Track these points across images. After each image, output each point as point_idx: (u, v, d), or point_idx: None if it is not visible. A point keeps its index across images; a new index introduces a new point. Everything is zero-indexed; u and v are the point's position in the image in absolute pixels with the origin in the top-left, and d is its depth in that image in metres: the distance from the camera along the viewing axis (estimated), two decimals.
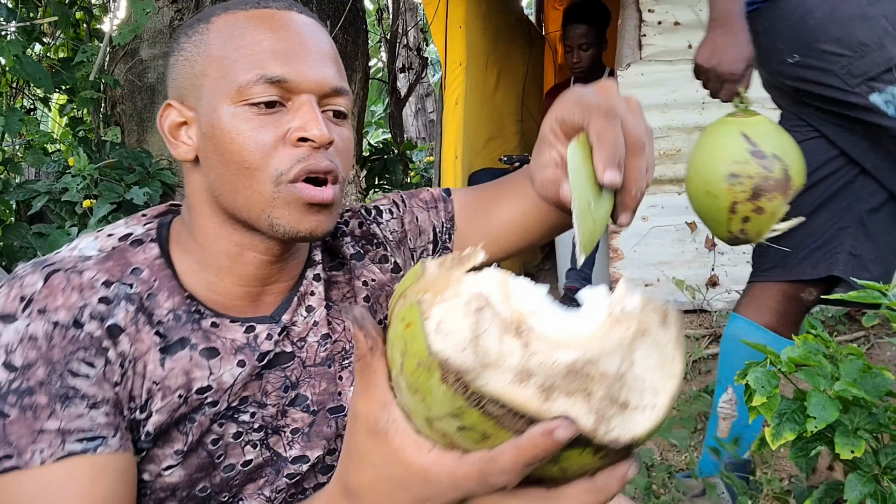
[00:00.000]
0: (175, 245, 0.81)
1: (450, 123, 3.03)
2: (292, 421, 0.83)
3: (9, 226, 3.23)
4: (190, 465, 0.76)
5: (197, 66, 0.76)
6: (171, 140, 0.79)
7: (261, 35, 0.74)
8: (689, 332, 2.62)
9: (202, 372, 0.75)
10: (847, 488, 0.97)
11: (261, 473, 0.82)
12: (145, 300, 0.75)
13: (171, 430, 0.74)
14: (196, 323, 0.77)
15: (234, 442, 0.79)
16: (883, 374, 0.94)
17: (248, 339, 0.79)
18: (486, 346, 0.45)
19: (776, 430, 0.93)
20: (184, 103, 0.78)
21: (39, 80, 2.88)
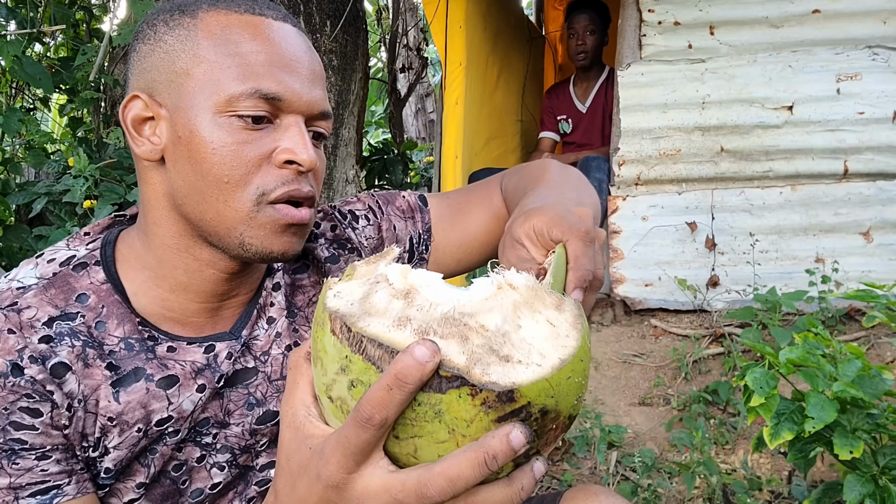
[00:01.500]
0: (122, 263, 0.76)
1: (450, 123, 3.03)
2: (262, 436, 0.81)
3: (9, 227, 3.23)
4: (154, 495, 0.74)
5: (179, 63, 0.70)
6: (133, 135, 0.73)
7: (258, 46, 0.70)
8: (689, 332, 2.62)
9: (160, 403, 0.72)
10: (846, 488, 0.97)
11: (230, 488, 0.80)
12: (94, 329, 0.71)
13: (132, 464, 0.72)
14: (150, 351, 0.73)
15: (198, 465, 0.77)
16: (882, 375, 0.94)
17: (209, 359, 0.76)
18: (373, 302, 0.48)
19: (774, 430, 0.93)
20: (154, 98, 0.72)
21: (39, 81, 2.88)
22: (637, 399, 2.40)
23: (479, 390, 0.44)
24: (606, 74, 3.45)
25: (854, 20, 2.65)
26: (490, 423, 0.45)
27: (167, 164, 0.72)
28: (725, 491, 1.87)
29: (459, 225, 0.95)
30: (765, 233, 2.70)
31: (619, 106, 2.81)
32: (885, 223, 2.63)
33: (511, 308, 0.48)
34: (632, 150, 2.80)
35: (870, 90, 2.63)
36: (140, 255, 0.76)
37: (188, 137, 0.69)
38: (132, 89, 0.74)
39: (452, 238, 0.95)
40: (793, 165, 2.70)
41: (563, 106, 3.56)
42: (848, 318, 2.54)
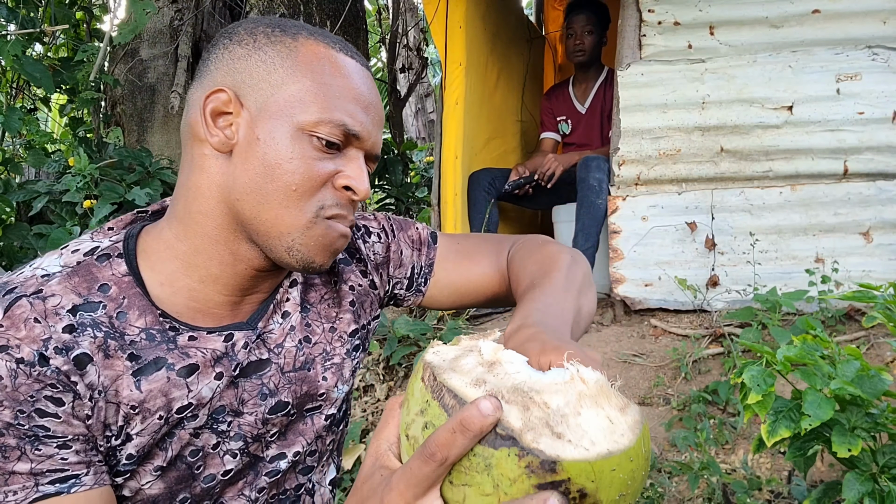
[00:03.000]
0: (144, 257, 0.78)
1: (450, 123, 3.03)
2: (272, 426, 0.84)
3: (9, 226, 3.23)
4: (169, 478, 0.77)
5: (275, 75, 0.76)
6: (209, 124, 0.76)
7: (347, 83, 0.78)
8: (689, 332, 2.62)
9: (181, 391, 0.75)
10: (845, 488, 0.97)
11: (240, 477, 0.83)
12: (115, 319, 0.73)
13: (152, 449, 0.75)
14: (171, 341, 0.76)
15: (213, 452, 0.80)
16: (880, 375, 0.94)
17: (227, 347, 0.79)
18: (462, 364, 0.57)
19: (772, 428, 0.93)
20: (239, 96, 0.76)
21: (39, 80, 2.88)
22: (637, 399, 2.40)
23: (526, 453, 0.48)
24: (605, 75, 3.45)
25: (854, 20, 2.65)
26: (531, 487, 0.49)
27: (234, 159, 0.76)
28: (725, 491, 1.87)
29: (462, 269, 1.01)
30: (765, 233, 2.71)
31: (618, 106, 2.81)
32: (884, 223, 2.63)
33: (576, 396, 0.53)
34: (632, 150, 2.80)
35: (870, 90, 2.63)
36: (171, 245, 0.78)
37: (267, 141, 0.75)
38: (216, 84, 0.77)
39: (453, 278, 1.01)
40: (793, 165, 2.70)
41: (562, 107, 3.56)
42: (848, 318, 2.54)
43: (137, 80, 3.66)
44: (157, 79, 3.63)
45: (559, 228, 3.24)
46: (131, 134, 3.70)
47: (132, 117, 3.69)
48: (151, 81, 3.67)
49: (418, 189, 4.49)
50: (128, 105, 3.70)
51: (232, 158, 0.76)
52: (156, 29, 3.62)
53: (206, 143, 0.77)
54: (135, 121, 3.68)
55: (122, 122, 3.74)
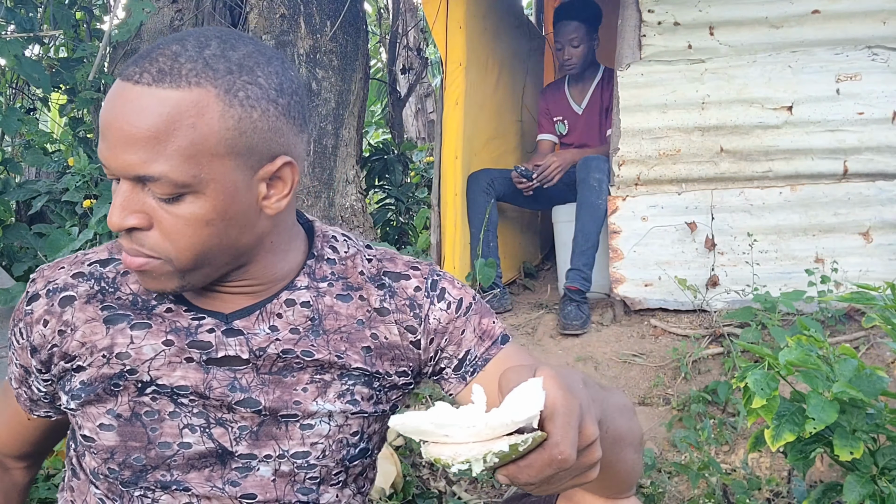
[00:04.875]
0: None
1: (450, 123, 3.03)
2: (241, 418, 0.85)
3: (9, 226, 3.23)
4: (125, 432, 0.84)
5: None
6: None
7: (103, 112, 0.76)
8: (688, 332, 2.62)
9: (123, 339, 0.84)
10: (846, 489, 0.97)
11: (205, 463, 0.85)
12: (119, 276, 0.88)
13: (104, 388, 0.84)
14: (147, 308, 0.86)
15: (171, 421, 0.84)
16: (877, 373, 0.94)
17: (191, 323, 0.85)
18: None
19: (776, 432, 0.93)
20: None
21: (38, 80, 2.88)
22: (637, 399, 2.40)
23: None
24: (602, 74, 3.43)
25: (854, 20, 2.65)
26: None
27: None
28: (725, 491, 1.88)
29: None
30: (764, 233, 2.71)
31: (618, 106, 2.81)
32: (884, 223, 2.63)
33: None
34: (632, 151, 2.80)
35: (870, 90, 2.63)
36: None
37: None
38: None
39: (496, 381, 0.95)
40: (792, 166, 2.70)
41: (558, 107, 3.54)
42: (847, 318, 2.54)
43: None
44: None
45: (559, 228, 3.24)
46: None
47: None
48: None
49: (418, 189, 4.48)
50: None
51: None
52: (156, 29, 3.62)
53: None
54: None
55: None
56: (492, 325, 0.95)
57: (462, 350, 0.93)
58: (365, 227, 3.28)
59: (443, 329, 0.92)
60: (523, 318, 2.97)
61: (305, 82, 3.06)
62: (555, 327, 2.83)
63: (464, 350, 0.93)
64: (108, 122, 0.73)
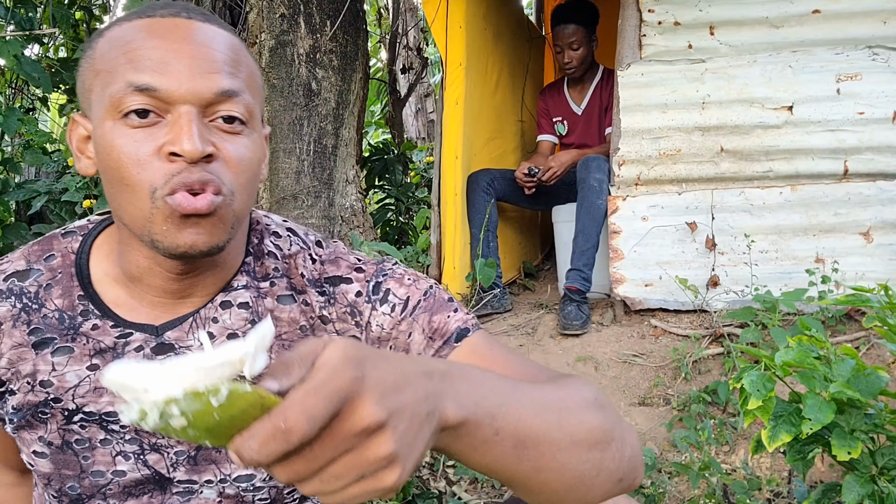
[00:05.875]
0: (99, 243, 0.82)
1: (450, 123, 3.03)
2: (176, 443, 0.80)
3: (8, 226, 3.23)
4: (58, 460, 0.80)
5: (86, 81, 0.74)
6: (76, 155, 0.78)
7: (137, 43, 0.70)
8: (689, 332, 2.62)
9: (45, 366, 0.78)
10: (845, 490, 0.97)
11: (143, 490, 0.81)
12: (42, 289, 0.79)
13: (32, 415, 0.79)
14: (73, 327, 0.78)
15: (103, 448, 0.79)
16: (876, 373, 0.94)
17: (117, 343, 0.78)
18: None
19: (772, 433, 0.92)
20: (85, 117, 0.77)
21: (38, 80, 2.88)
22: (637, 399, 2.40)
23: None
24: (601, 74, 3.43)
25: (854, 20, 2.65)
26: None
27: (102, 178, 0.76)
28: (726, 491, 1.87)
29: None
30: (765, 233, 2.70)
31: (619, 106, 2.81)
32: (885, 223, 2.62)
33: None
34: (632, 151, 2.80)
35: (870, 90, 2.63)
36: (113, 249, 0.82)
37: (97, 148, 0.73)
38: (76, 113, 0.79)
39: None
40: (793, 166, 2.70)
41: (558, 108, 3.54)
42: (848, 318, 2.54)
43: None
44: None
45: (559, 228, 3.24)
46: None
47: None
48: None
49: (418, 189, 4.48)
50: None
51: (101, 176, 0.76)
52: None
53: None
54: None
55: None
56: (445, 321, 0.82)
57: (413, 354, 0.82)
58: (365, 227, 3.28)
59: (386, 336, 0.82)
60: (523, 318, 2.97)
61: (305, 82, 3.05)
62: (555, 327, 2.83)
63: (413, 353, 0.82)
64: (177, 48, 0.70)
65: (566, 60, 3.31)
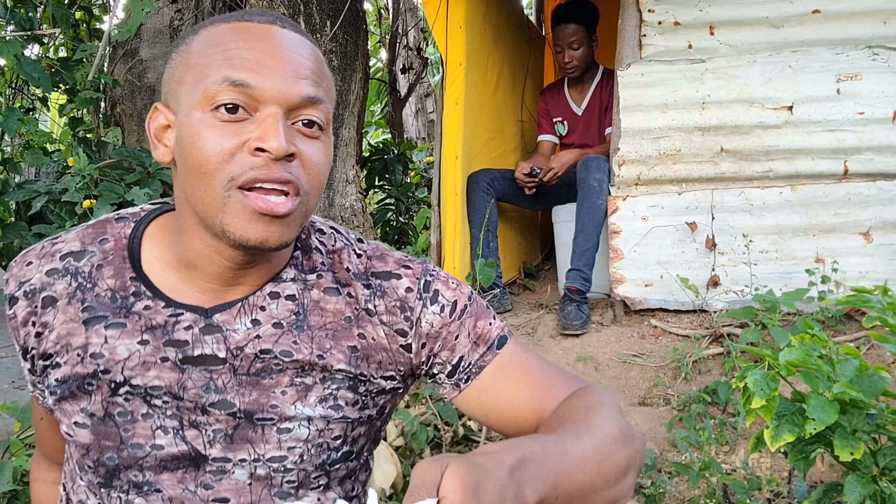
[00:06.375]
0: (152, 229, 0.87)
1: (450, 123, 3.03)
2: (215, 421, 0.83)
3: (8, 225, 3.23)
4: (98, 431, 0.83)
5: (177, 73, 0.79)
6: (154, 142, 0.82)
7: (235, 43, 0.76)
8: (689, 332, 2.62)
9: (98, 339, 0.82)
10: (846, 490, 0.97)
11: (178, 465, 0.84)
12: (95, 269, 0.84)
13: (78, 386, 0.83)
14: (126, 307, 0.83)
15: (144, 422, 0.83)
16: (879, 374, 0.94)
17: (167, 321, 0.83)
18: None
19: (775, 432, 0.92)
20: (168, 107, 0.81)
21: (38, 80, 2.87)
22: (637, 399, 2.40)
23: None
24: (601, 75, 3.43)
25: (854, 20, 2.65)
26: None
27: (176, 165, 0.80)
28: (726, 491, 1.87)
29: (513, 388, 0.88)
30: (765, 233, 2.71)
31: (619, 106, 2.81)
32: (885, 223, 2.63)
33: None
34: (632, 151, 2.80)
35: (870, 90, 2.63)
36: (168, 236, 0.86)
37: (181, 136, 0.77)
38: (156, 102, 0.84)
39: (494, 394, 0.89)
40: (793, 165, 2.70)
41: (558, 108, 3.54)
42: (848, 318, 2.54)
43: (137, 81, 3.66)
44: (157, 79, 3.62)
45: (559, 228, 3.24)
46: (131, 134, 3.70)
47: (132, 117, 3.69)
48: (151, 81, 3.67)
49: (418, 189, 4.49)
50: (127, 105, 3.70)
51: (176, 165, 0.80)
52: (156, 29, 3.62)
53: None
54: (135, 121, 3.68)
55: (121, 122, 3.74)
56: (487, 327, 0.89)
57: (456, 356, 0.88)
58: (365, 227, 3.28)
59: (435, 334, 0.88)
60: (523, 319, 2.97)
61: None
62: (555, 327, 2.83)
63: (457, 356, 0.88)
64: (271, 52, 0.76)
65: (566, 60, 3.31)
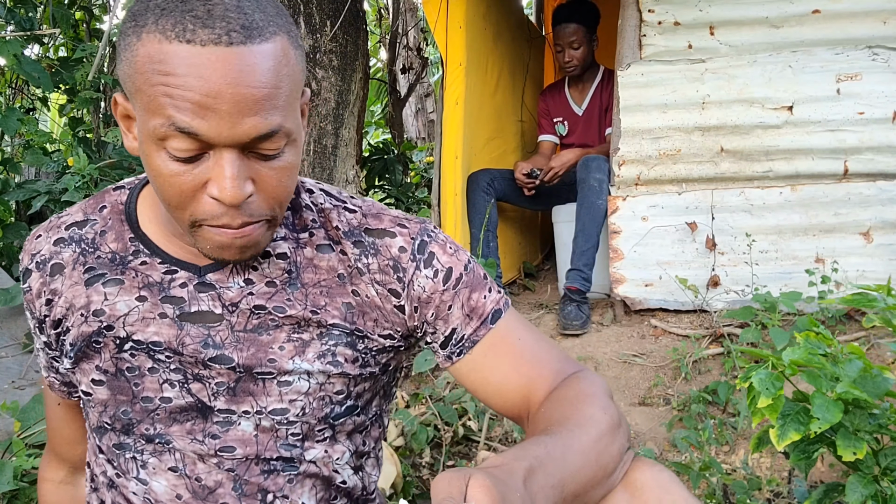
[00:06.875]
0: (145, 194, 0.89)
1: (450, 123, 3.03)
2: (217, 374, 0.85)
3: (8, 225, 3.23)
4: (113, 386, 0.87)
5: (128, 83, 0.72)
6: (124, 131, 0.80)
7: (177, 78, 0.67)
8: (689, 332, 2.62)
9: (98, 297, 0.85)
10: (848, 490, 0.97)
11: (187, 416, 0.86)
12: (98, 236, 0.88)
13: (87, 345, 0.86)
14: (124, 263, 0.86)
15: (151, 376, 0.86)
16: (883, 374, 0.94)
17: (163, 279, 0.85)
18: None
19: (781, 432, 0.92)
20: (128, 100, 0.76)
21: (38, 80, 2.87)
22: (637, 399, 2.40)
23: None
24: (601, 75, 3.43)
25: (854, 20, 2.65)
26: None
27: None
28: (726, 491, 1.87)
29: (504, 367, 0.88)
30: (765, 233, 2.71)
31: (619, 106, 2.81)
32: (885, 223, 2.63)
33: None
34: (632, 151, 2.80)
35: (870, 90, 2.63)
36: (157, 201, 0.87)
37: (142, 153, 0.75)
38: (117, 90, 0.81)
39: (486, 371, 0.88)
40: (793, 166, 2.70)
41: (558, 108, 3.54)
42: (848, 318, 2.54)
43: None
44: None
45: (559, 228, 3.24)
46: None
47: None
48: None
49: (418, 189, 4.49)
50: None
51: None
52: None
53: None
54: None
55: None
56: (482, 300, 0.88)
57: (448, 327, 0.87)
58: None
59: (427, 299, 0.86)
60: None
61: (305, 82, 3.05)
62: (555, 327, 2.83)
63: (450, 328, 0.87)
64: (217, 91, 0.67)
65: (566, 59, 3.31)
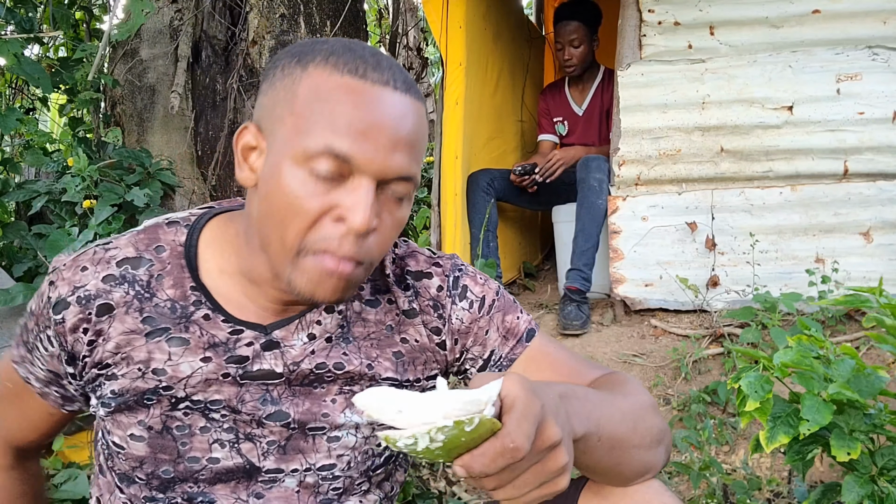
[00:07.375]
0: (209, 238, 0.85)
1: (450, 123, 3.03)
2: (269, 433, 0.85)
3: (8, 225, 3.23)
4: (155, 444, 0.83)
5: (278, 109, 0.76)
6: (240, 161, 0.80)
7: (344, 107, 0.73)
8: (689, 333, 2.62)
9: (162, 355, 0.82)
10: (844, 490, 0.97)
11: (232, 477, 0.85)
12: (154, 279, 0.82)
13: (136, 400, 0.82)
14: (186, 316, 0.82)
15: (201, 436, 0.84)
16: (877, 373, 0.94)
17: (229, 339, 0.82)
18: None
19: (770, 434, 0.92)
20: (261, 132, 0.79)
21: (38, 80, 2.87)
22: None
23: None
24: (602, 75, 3.43)
25: (854, 20, 2.65)
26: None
27: (258, 191, 0.78)
28: (726, 491, 1.87)
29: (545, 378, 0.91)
30: (765, 233, 2.70)
31: (619, 106, 2.81)
32: (885, 223, 2.62)
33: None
34: (632, 151, 2.80)
35: (870, 90, 2.63)
36: (238, 238, 0.84)
37: (270, 176, 0.75)
38: (250, 118, 0.82)
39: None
40: (793, 166, 2.70)
41: (558, 108, 3.54)
42: (848, 317, 2.54)
43: (137, 81, 3.66)
44: (157, 79, 3.62)
45: (559, 228, 3.24)
46: (131, 134, 3.70)
47: (132, 117, 3.69)
48: (151, 82, 3.67)
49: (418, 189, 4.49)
50: (127, 105, 3.70)
51: (257, 191, 0.78)
52: (156, 29, 3.62)
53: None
54: (135, 121, 3.68)
55: (121, 123, 3.74)
56: (515, 321, 0.93)
57: (487, 351, 0.92)
58: None
59: (466, 329, 0.91)
60: None
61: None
62: (555, 327, 2.83)
63: (488, 351, 0.92)
64: (377, 123, 0.73)
65: (566, 58, 3.31)
